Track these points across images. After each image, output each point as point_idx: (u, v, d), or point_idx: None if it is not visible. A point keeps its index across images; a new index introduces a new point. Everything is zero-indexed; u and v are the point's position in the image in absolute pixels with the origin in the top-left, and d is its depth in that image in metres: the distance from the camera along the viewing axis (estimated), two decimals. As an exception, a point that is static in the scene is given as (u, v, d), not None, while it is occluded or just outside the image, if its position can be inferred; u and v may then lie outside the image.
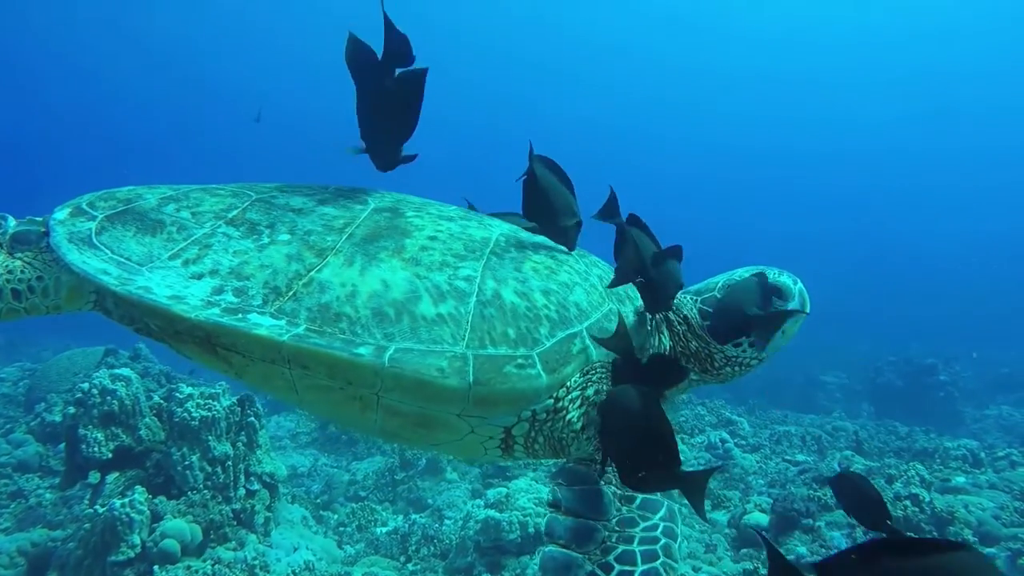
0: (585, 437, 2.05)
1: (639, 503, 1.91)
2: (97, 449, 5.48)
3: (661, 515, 1.88)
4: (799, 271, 2.34)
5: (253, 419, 5.89)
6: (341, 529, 6.76)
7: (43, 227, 2.26)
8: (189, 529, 5.02)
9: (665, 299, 2.14)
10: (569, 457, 2.11)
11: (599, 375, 2.06)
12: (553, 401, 1.98)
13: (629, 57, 53.46)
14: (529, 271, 2.11)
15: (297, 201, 2.29)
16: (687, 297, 2.42)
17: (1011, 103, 47.85)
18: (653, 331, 2.30)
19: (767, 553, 1.31)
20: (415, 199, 2.50)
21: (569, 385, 2.00)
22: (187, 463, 5.38)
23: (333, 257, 2.02)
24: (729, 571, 5.54)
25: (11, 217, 2.33)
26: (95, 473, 5.51)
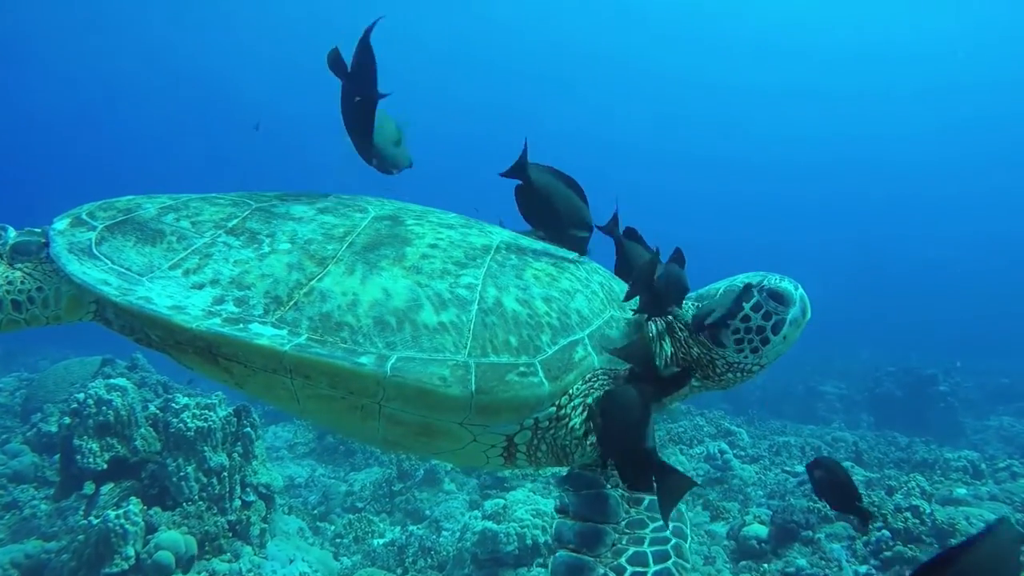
0: (588, 443, 2.04)
1: (646, 505, 1.89)
2: (92, 460, 5.44)
3: (672, 513, 1.86)
4: (799, 280, 2.32)
5: (249, 429, 5.86)
6: (338, 540, 6.72)
7: (43, 238, 2.25)
8: (184, 541, 4.97)
9: (668, 304, 2.13)
10: (573, 464, 2.09)
11: (601, 382, 2.05)
12: (555, 409, 1.97)
13: (629, 69, 53.91)
14: (530, 278, 2.11)
15: (297, 210, 2.29)
16: (688, 303, 2.41)
17: (1012, 109, 48.12)
18: (655, 338, 2.29)
19: None
20: (415, 207, 2.50)
21: (572, 392, 1.99)
22: (182, 474, 5.35)
23: (334, 266, 2.02)
24: (729, 583, 5.50)
25: (11, 228, 2.32)
26: (90, 484, 5.47)
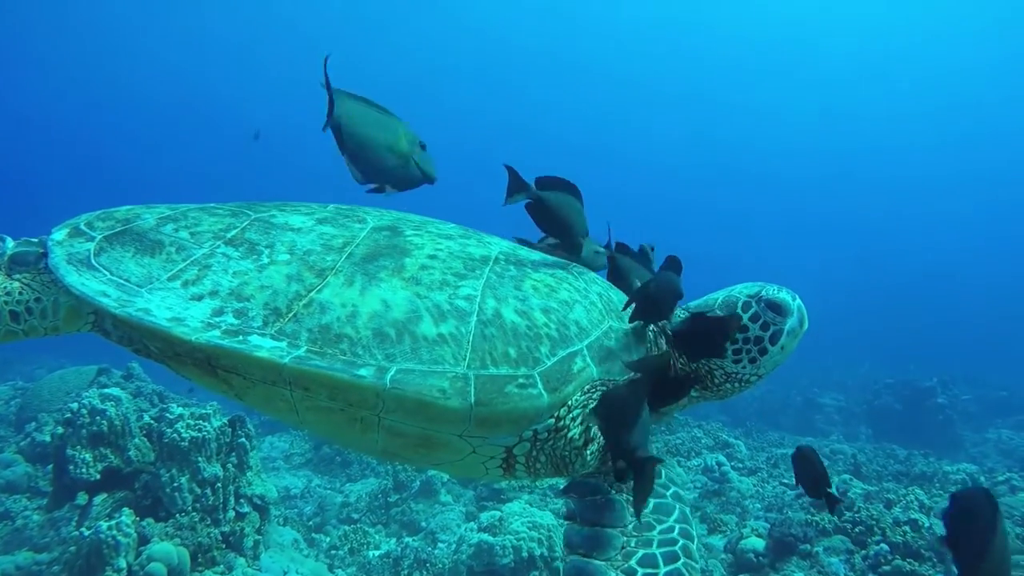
0: (588, 453, 2.04)
1: (652, 507, 1.90)
2: (85, 470, 5.39)
3: (675, 518, 1.89)
4: (797, 292, 2.32)
5: (244, 440, 5.83)
6: (333, 552, 6.66)
7: (41, 248, 2.24)
8: (176, 552, 4.92)
9: (662, 311, 2.13)
10: (572, 475, 2.09)
11: (600, 392, 2.03)
12: (554, 420, 1.97)
13: (631, 82, 54.43)
14: (529, 289, 2.11)
15: (296, 220, 2.28)
16: (681, 312, 2.40)
17: (1010, 122, 48.53)
18: (652, 347, 2.28)
19: None
20: (414, 217, 2.50)
21: (571, 403, 1.98)
22: (176, 485, 5.31)
23: (333, 277, 2.01)
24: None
25: (9, 238, 2.31)
26: (83, 494, 5.42)
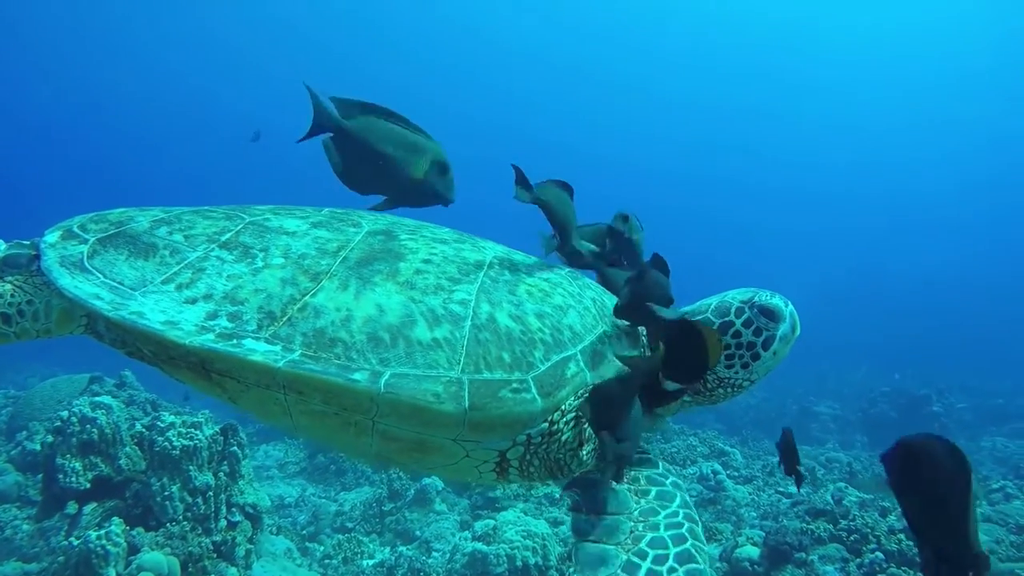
0: (584, 453, 2.05)
1: (655, 495, 1.94)
2: (75, 479, 5.33)
3: (679, 503, 1.93)
4: (794, 298, 2.32)
5: (236, 448, 5.77)
6: (326, 561, 6.60)
7: (33, 250, 2.23)
8: (167, 562, 4.86)
9: (646, 308, 2.14)
10: (566, 477, 2.10)
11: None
12: (548, 424, 1.98)
13: (627, 87, 54.58)
14: (523, 294, 2.12)
15: (291, 224, 2.28)
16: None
17: (1004, 133, 48.89)
18: (646, 352, 2.28)
19: None
20: (409, 221, 2.51)
21: (564, 408, 1.99)
22: (167, 493, 5.26)
23: (328, 281, 2.01)
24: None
25: (1, 240, 2.30)
26: (73, 504, 5.36)
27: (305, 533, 7.37)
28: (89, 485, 5.38)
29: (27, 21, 43.80)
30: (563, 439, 2.02)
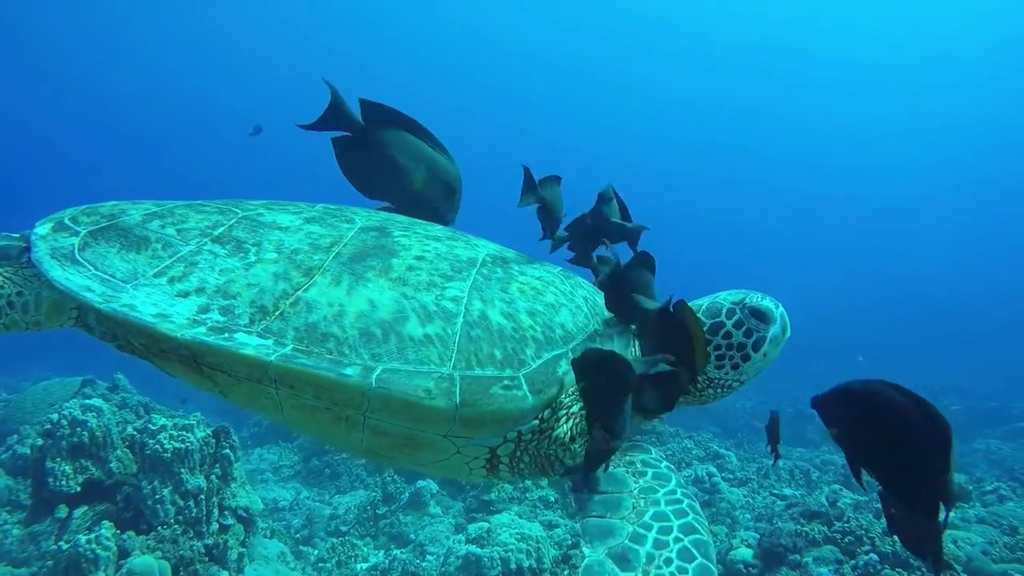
0: (576, 447, 2.06)
1: (651, 475, 1.97)
2: (65, 482, 5.29)
3: (675, 483, 1.96)
4: (790, 300, 2.32)
5: (228, 451, 5.74)
6: (320, 565, 6.56)
7: (23, 242, 2.22)
8: (158, 566, 4.81)
9: (632, 302, 2.17)
10: (556, 474, 2.12)
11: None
12: (539, 422, 1.99)
13: (627, 86, 54.73)
14: (516, 292, 2.13)
15: (284, 219, 2.28)
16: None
17: (1000, 137, 49.14)
18: (635, 351, 2.28)
19: None
20: (402, 218, 2.51)
21: (555, 406, 2.01)
22: (158, 497, 5.22)
23: (320, 276, 2.01)
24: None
25: None
26: (63, 507, 5.31)
27: (299, 536, 7.33)
28: (79, 488, 5.34)
29: (27, 20, 43.67)
30: (555, 435, 2.03)
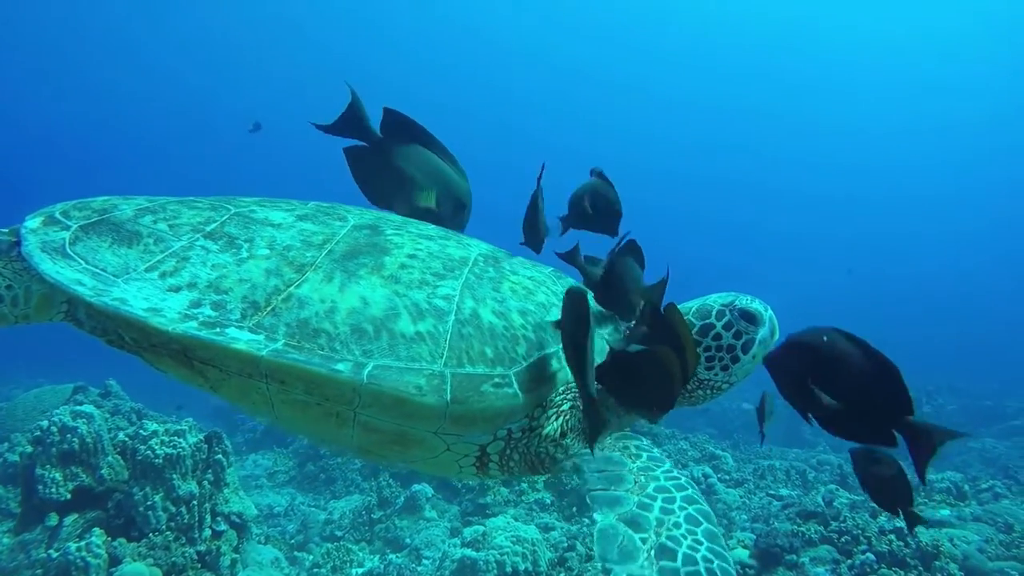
0: (567, 442, 2.08)
1: (646, 458, 2.01)
2: (55, 490, 5.23)
3: (670, 464, 2.01)
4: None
5: (221, 456, 5.69)
6: (315, 571, 6.51)
7: (13, 236, 2.22)
8: (149, 573, 4.76)
9: (621, 296, 2.18)
10: (545, 472, 2.14)
11: (573, 395, 2.09)
12: (529, 420, 2.01)
13: (627, 86, 54.83)
14: (507, 291, 2.14)
15: (276, 216, 2.29)
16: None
17: (1000, 136, 49.39)
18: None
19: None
20: (395, 217, 2.52)
21: (545, 404, 2.02)
22: (149, 503, 5.16)
23: (312, 273, 2.02)
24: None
25: None
26: (53, 515, 5.26)
27: (294, 542, 7.28)
28: (70, 496, 5.28)
29: (25, 20, 43.51)
30: (544, 432, 2.05)
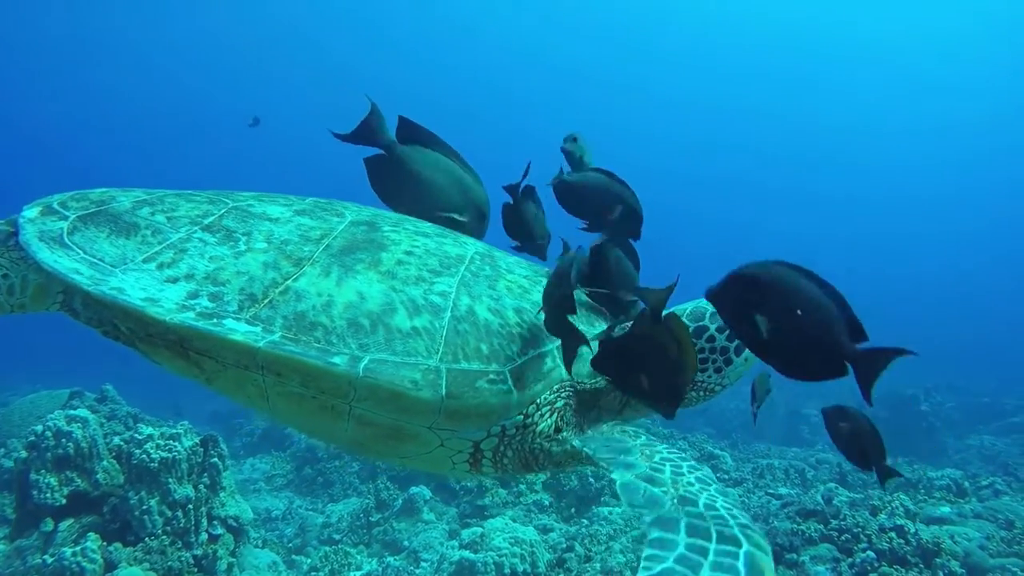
0: (562, 436, 2.08)
1: (644, 439, 2.02)
2: (50, 495, 5.19)
3: (667, 445, 2.01)
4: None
5: (216, 460, 5.66)
6: (313, 574, 6.47)
7: (10, 227, 2.22)
8: (146, 577, 4.76)
9: (613, 290, 2.19)
10: (538, 471, 2.14)
11: (568, 393, 2.10)
12: (523, 417, 2.02)
13: (625, 85, 54.90)
14: (503, 289, 2.16)
15: (274, 210, 2.30)
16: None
17: (988, 142, 49.47)
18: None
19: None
20: (392, 214, 2.52)
21: (539, 402, 2.03)
22: (145, 507, 5.13)
23: (310, 267, 2.03)
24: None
25: None
26: (48, 520, 5.22)
27: (291, 546, 7.24)
28: (65, 501, 5.24)
29: (23, 21, 43.44)
30: (538, 430, 2.06)
